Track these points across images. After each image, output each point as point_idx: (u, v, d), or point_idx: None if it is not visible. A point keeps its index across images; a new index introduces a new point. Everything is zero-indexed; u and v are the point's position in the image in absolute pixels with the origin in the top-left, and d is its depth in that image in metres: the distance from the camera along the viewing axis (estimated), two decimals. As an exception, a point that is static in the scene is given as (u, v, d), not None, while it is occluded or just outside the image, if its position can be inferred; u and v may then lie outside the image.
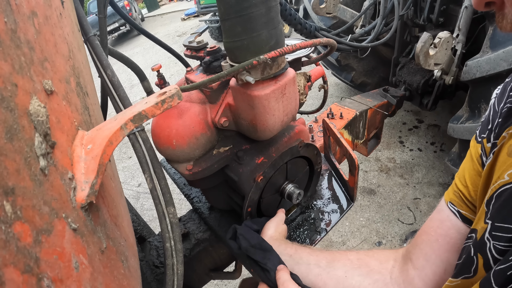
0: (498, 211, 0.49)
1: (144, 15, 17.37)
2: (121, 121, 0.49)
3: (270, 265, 0.75)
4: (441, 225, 0.66)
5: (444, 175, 3.20)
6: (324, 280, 0.76)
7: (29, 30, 0.41)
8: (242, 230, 0.88)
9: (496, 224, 0.48)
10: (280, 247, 0.84)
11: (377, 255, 0.79)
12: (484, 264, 0.49)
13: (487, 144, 0.58)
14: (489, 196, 0.52)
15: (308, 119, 2.22)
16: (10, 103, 0.34)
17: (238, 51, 0.76)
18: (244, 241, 0.83)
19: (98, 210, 0.50)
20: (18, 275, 0.30)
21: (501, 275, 0.44)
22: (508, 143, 0.51)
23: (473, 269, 0.51)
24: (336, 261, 0.79)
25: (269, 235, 0.91)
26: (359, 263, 0.77)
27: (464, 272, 0.53)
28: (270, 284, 0.74)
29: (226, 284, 2.68)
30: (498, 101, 0.59)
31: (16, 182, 0.32)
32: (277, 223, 0.95)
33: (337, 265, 0.78)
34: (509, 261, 0.43)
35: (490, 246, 0.48)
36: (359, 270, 0.76)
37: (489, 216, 0.50)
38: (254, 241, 0.82)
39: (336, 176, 1.33)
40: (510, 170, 0.48)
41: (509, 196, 0.47)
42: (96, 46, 0.76)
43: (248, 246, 0.82)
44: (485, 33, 2.02)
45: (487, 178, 0.55)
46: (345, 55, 3.80)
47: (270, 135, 0.90)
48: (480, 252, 0.50)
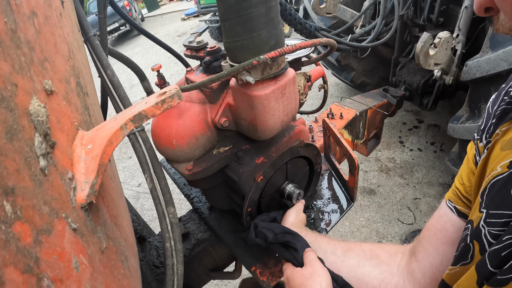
0: (492, 199, 0.52)
1: (144, 15, 17.37)
2: (121, 121, 0.49)
3: (299, 245, 0.81)
4: (439, 220, 0.72)
5: (444, 175, 3.20)
6: (338, 267, 0.82)
7: (29, 30, 0.41)
8: (263, 225, 0.93)
9: (490, 211, 0.51)
10: (301, 234, 0.88)
11: (388, 248, 0.85)
12: (480, 249, 0.52)
13: (480, 144, 0.62)
14: (484, 188, 0.55)
15: (308, 119, 2.22)
16: (10, 103, 0.34)
17: (238, 51, 0.76)
18: (269, 233, 0.88)
19: (98, 210, 0.50)
20: (18, 275, 0.30)
21: (495, 256, 0.47)
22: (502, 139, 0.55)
23: (470, 255, 0.54)
24: (351, 251, 0.86)
25: (291, 222, 0.96)
26: (371, 254, 0.84)
27: (462, 259, 0.56)
28: (295, 262, 0.80)
29: (226, 284, 2.68)
30: (492, 104, 0.63)
31: (16, 182, 0.32)
32: (297, 211, 1.01)
33: (351, 255, 0.85)
34: (502, 241, 0.46)
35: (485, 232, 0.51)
36: (370, 261, 0.82)
37: (483, 205, 0.54)
38: (278, 230, 0.88)
39: (336, 176, 1.33)
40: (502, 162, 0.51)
41: (502, 185, 0.50)
42: (96, 46, 0.76)
43: (274, 235, 0.87)
44: (485, 33, 2.02)
45: (481, 173, 0.59)
46: (345, 55, 3.80)
47: (270, 135, 0.90)
48: (476, 239, 0.53)
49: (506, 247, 0.45)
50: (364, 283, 0.79)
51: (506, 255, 0.45)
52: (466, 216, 0.66)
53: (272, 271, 1.03)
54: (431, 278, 0.71)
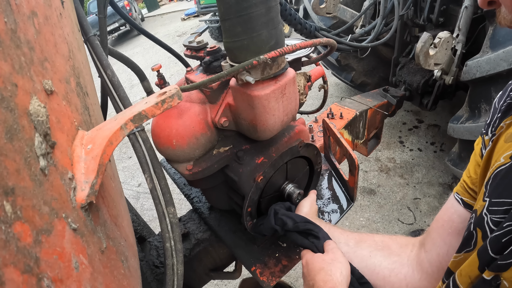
0: (494, 188, 0.54)
1: (144, 15, 17.36)
2: (121, 121, 0.49)
3: (321, 234, 0.84)
4: (447, 212, 0.75)
5: (444, 175, 3.20)
6: (350, 257, 0.84)
7: (29, 30, 0.41)
8: (283, 212, 0.95)
9: (493, 200, 0.53)
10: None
11: (399, 239, 0.88)
12: (482, 236, 0.54)
13: (485, 137, 0.65)
14: (488, 178, 0.57)
15: (308, 119, 2.22)
16: (10, 103, 0.34)
17: (238, 51, 0.76)
18: (289, 220, 0.90)
19: (98, 210, 0.50)
20: (18, 275, 0.30)
21: (496, 242, 0.48)
22: (506, 132, 0.58)
23: (473, 242, 0.56)
24: (363, 241, 0.89)
25: (305, 212, 0.99)
26: (383, 245, 0.86)
27: (466, 247, 0.58)
28: (315, 249, 0.82)
29: (226, 284, 2.68)
30: (498, 100, 0.66)
31: (16, 182, 0.32)
32: (311, 202, 1.03)
33: (364, 246, 0.88)
34: (503, 228, 0.48)
35: (488, 220, 0.53)
36: (382, 252, 0.85)
37: (487, 194, 0.56)
38: (298, 219, 0.90)
39: (336, 176, 1.34)
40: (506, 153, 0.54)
41: (504, 174, 0.53)
42: (96, 46, 0.76)
43: (294, 224, 0.89)
44: (485, 33, 2.02)
45: (486, 164, 0.61)
46: (345, 55, 3.80)
47: (270, 135, 0.90)
48: (478, 226, 0.55)
49: (507, 233, 0.47)
50: (375, 272, 0.82)
51: (506, 241, 0.47)
52: (471, 207, 0.69)
53: (272, 271, 1.03)
54: (438, 267, 0.74)
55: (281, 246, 1.11)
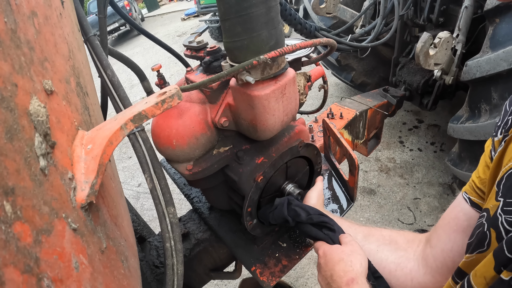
0: (509, 189, 0.54)
1: (144, 15, 17.36)
2: (121, 121, 0.49)
3: (336, 227, 0.84)
4: (453, 210, 0.77)
5: (444, 175, 3.20)
6: None
7: (29, 30, 0.41)
8: (297, 203, 0.94)
9: (508, 200, 0.53)
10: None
11: (406, 235, 0.89)
12: (496, 237, 0.54)
13: (495, 139, 0.66)
14: (500, 178, 0.57)
15: (308, 119, 2.22)
16: (10, 103, 0.34)
17: (238, 51, 0.76)
18: (302, 212, 0.90)
19: (98, 210, 0.50)
20: (18, 275, 0.30)
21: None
22: None
23: (487, 243, 0.56)
24: (371, 235, 0.90)
25: (313, 204, 0.99)
26: (390, 240, 0.88)
27: (479, 247, 0.58)
28: (330, 242, 0.82)
29: (226, 284, 2.68)
30: (509, 102, 0.66)
31: (16, 182, 0.32)
32: (318, 193, 1.04)
33: (371, 239, 0.89)
34: None
35: (502, 220, 0.53)
36: (389, 246, 0.87)
37: (500, 194, 0.56)
38: (312, 211, 0.90)
39: (336, 176, 1.34)
40: None
41: None
42: (96, 46, 0.76)
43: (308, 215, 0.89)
44: (485, 33, 2.02)
45: (498, 164, 0.61)
46: (345, 55, 3.80)
47: (270, 135, 0.90)
48: (492, 226, 0.55)
49: None
50: (381, 267, 0.83)
51: None
52: (478, 206, 0.70)
53: (272, 271, 1.03)
54: (442, 263, 0.76)
55: (281, 246, 1.11)
